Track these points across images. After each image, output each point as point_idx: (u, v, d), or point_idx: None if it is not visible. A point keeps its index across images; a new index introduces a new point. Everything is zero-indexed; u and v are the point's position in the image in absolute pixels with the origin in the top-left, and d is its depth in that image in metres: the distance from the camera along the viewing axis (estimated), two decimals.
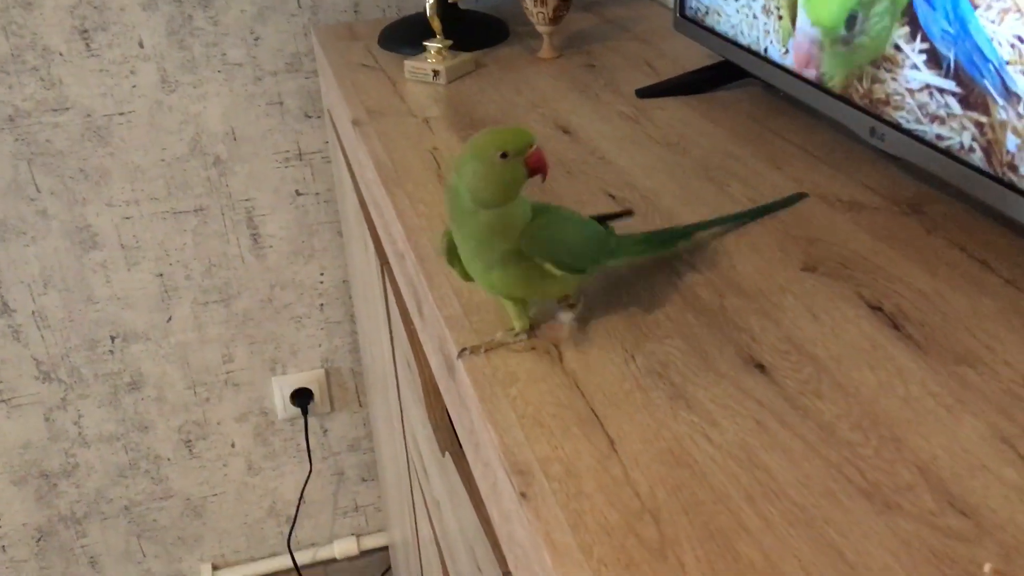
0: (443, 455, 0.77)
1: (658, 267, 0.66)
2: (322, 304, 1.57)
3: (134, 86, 1.34)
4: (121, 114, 1.35)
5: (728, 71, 1.00)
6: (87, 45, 1.30)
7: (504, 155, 0.53)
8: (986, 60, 0.61)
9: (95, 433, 1.57)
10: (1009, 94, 0.59)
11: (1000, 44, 0.59)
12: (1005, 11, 0.58)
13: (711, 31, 0.97)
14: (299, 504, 1.74)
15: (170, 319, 1.51)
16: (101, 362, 1.51)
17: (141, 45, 1.32)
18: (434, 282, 0.67)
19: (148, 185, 1.41)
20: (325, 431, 1.69)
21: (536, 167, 0.54)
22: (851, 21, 0.74)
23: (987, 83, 0.61)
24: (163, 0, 1.30)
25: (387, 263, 0.95)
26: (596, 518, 0.45)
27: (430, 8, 1.07)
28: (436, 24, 1.07)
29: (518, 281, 0.57)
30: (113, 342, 1.50)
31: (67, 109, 1.33)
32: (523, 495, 0.47)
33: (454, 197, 0.55)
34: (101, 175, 1.38)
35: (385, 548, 1.82)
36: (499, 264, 0.56)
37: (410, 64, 1.08)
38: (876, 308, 0.60)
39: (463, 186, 0.54)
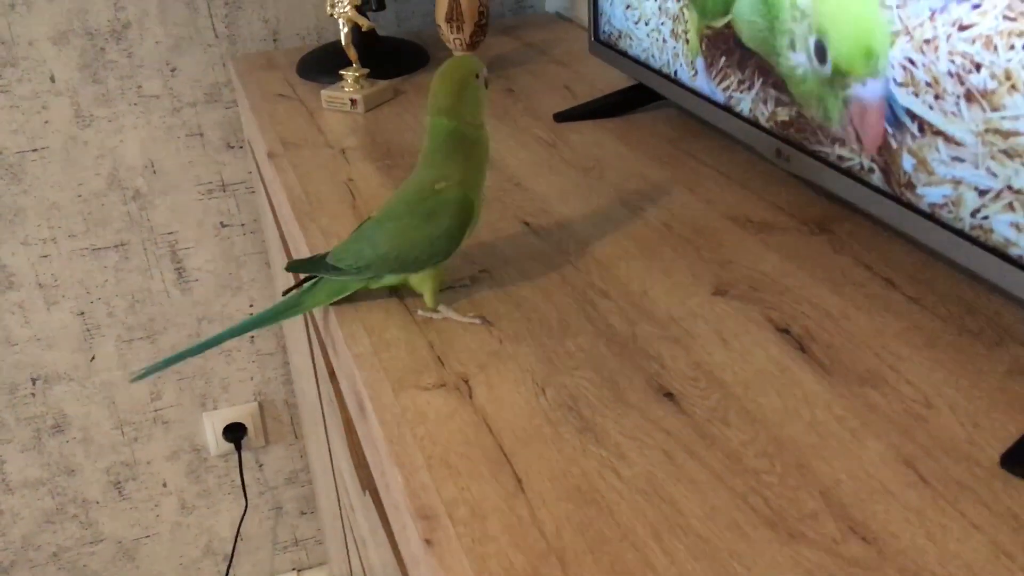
0: (364, 493, 0.76)
1: (572, 296, 0.66)
2: (252, 336, 1.54)
3: (47, 122, 1.30)
4: (34, 150, 1.31)
5: (643, 94, 1.01)
6: None
7: (476, 76, 0.63)
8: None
9: (19, 479, 1.52)
10: (897, 120, 0.60)
11: (892, 67, 0.60)
12: (896, 34, 0.59)
13: (624, 54, 0.97)
14: (236, 541, 1.70)
15: (93, 358, 1.47)
16: (22, 406, 1.46)
17: (53, 80, 1.28)
18: (344, 318, 0.66)
19: (65, 222, 1.37)
20: (261, 465, 1.66)
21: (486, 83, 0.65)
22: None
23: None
24: (74, 34, 1.27)
25: None
26: (501, 562, 0.44)
27: (344, 37, 1.05)
28: (352, 52, 1.06)
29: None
30: (34, 384, 1.46)
31: None
32: (428, 541, 0.46)
33: (452, 136, 0.62)
34: (15, 213, 1.34)
35: None
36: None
37: (327, 93, 1.07)
38: (784, 331, 0.61)
39: (463, 119, 0.62)
